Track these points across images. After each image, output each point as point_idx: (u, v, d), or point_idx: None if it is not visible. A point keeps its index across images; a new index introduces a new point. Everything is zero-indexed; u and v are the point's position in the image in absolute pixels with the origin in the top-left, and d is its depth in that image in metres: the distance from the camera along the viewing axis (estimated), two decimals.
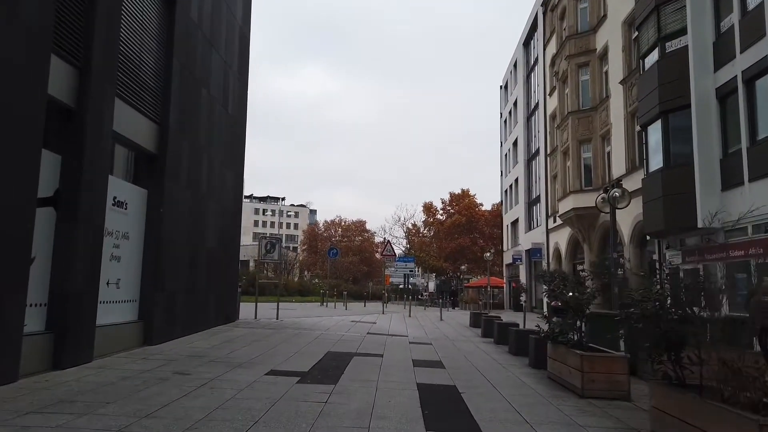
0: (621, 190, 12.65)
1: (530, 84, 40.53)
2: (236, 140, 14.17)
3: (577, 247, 28.37)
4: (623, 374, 6.50)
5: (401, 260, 41.53)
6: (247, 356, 8.43)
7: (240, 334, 11.48)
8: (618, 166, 22.07)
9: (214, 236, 12.41)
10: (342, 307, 27.30)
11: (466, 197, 68.55)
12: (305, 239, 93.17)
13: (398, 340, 11.98)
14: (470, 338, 13.52)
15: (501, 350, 11.03)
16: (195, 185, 11.15)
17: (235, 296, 14.10)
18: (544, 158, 33.53)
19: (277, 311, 15.48)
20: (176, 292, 10.21)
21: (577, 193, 24.93)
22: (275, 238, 15.30)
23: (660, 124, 16.51)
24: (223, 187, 13.10)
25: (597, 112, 24.43)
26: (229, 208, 13.58)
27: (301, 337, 11.53)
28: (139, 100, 9.01)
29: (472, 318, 17.69)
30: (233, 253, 14.00)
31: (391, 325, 16.66)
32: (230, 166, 13.64)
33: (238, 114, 14.26)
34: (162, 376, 6.58)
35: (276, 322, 14.38)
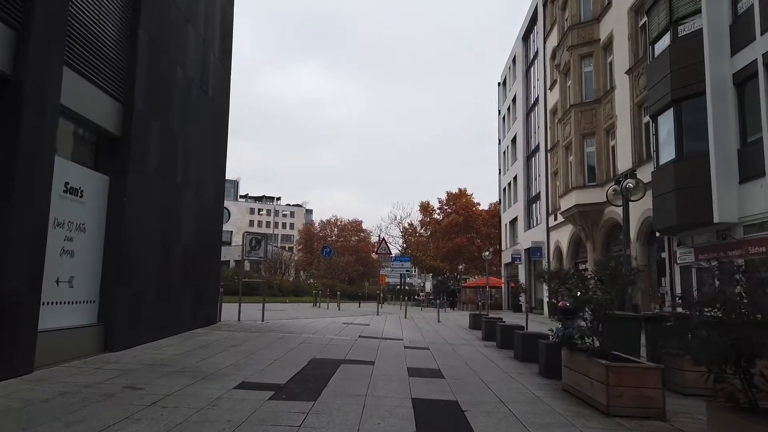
0: (635, 180, 11.64)
1: (529, 79, 39.56)
2: (218, 128, 13.11)
3: (580, 246, 27.40)
4: (656, 388, 5.48)
5: (397, 260, 40.53)
6: (218, 365, 7.38)
7: (218, 338, 10.42)
8: (624, 160, 21.09)
9: (192, 231, 11.35)
10: (335, 308, 26.23)
11: (463, 197, 67.74)
12: (301, 239, 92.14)
13: (392, 345, 10.94)
14: (470, 342, 12.50)
15: (505, 356, 10.01)
16: (168, 174, 10.09)
17: (216, 296, 13.03)
18: (545, 154, 32.56)
19: (263, 312, 14.41)
20: (144, 291, 9.15)
21: (580, 188, 23.95)
22: (261, 234, 14.21)
23: (672, 113, 15.52)
24: (203, 178, 12.04)
25: (601, 104, 23.45)
26: (210, 202, 12.52)
27: (286, 341, 10.48)
28: (98, 74, 7.95)
29: (472, 320, 16.68)
30: (214, 250, 12.94)
31: (386, 327, 15.62)
32: (211, 156, 12.58)
33: (220, 100, 13.20)
34: (108, 391, 5.53)
35: (260, 325, 13.32)
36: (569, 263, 28.16)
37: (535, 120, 36.90)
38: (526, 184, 39.17)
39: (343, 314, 21.85)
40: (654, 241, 19.55)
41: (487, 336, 12.90)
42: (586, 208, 23.57)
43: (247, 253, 13.72)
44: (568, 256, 28.28)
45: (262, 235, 14.17)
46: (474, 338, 13.51)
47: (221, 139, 13.37)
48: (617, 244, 22.82)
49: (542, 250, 32.67)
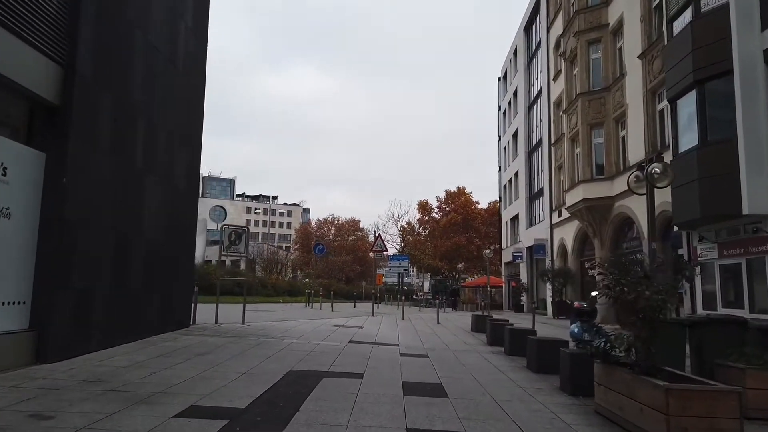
0: (662, 165, 10.25)
1: (531, 71, 38.23)
2: (192, 110, 11.72)
3: (586, 243, 26.05)
4: (733, 418, 4.12)
5: (395, 259, 39.13)
6: (170, 380, 6.01)
7: (185, 344, 9.04)
8: (636, 151, 19.75)
9: (160, 223, 9.97)
10: (329, 308, 24.84)
11: (461, 195, 66.54)
12: (297, 238, 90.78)
13: (386, 351, 9.57)
14: (474, 347, 11.14)
15: (516, 365, 8.65)
16: (125, 154, 8.70)
17: (189, 297, 11.64)
18: (548, 148, 31.23)
19: (243, 314, 13.01)
20: (93, 291, 7.76)
21: (587, 182, 22.60)
22: (241, 227, 12.82)
23: (694, 95, 14.16)
24: (174, 164, 10.65)
25: (610, 92, 22.10)
26: (182, 191, 11.12)
27: (264, 347, 9.11)
28: (31, 29, 6.57)
29: (474, 321, 15.32)
30: (188, 245, 11.54)
31: (381, 329, 14.25)
32: (183, 139, 11.19)
33: (194, 77, 11.81)
34: (3, 421, 4.15)
35: (240, 328, 11.94)
36: (574, 262, 26.84)
37: (538, 113, 35.57)
38: (528, 180, 37.84)
39: (335, 315, 20.47)
40: (670, 237, 18.20)
41: (493, 340, 11.54)
42: (594, 203, 22.23)
43: (225, 249, 12.33)
44: (573, 254, 26.95)
45: (242, 228, 12.77)
46: (478, 342, 12.14)
47: (196, 122, 11.98)
48: (628, 241, 21.50)
49: (545, 248, 31.35)
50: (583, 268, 26.41)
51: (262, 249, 74.14)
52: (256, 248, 75.90)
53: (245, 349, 8.86)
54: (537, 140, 35.62)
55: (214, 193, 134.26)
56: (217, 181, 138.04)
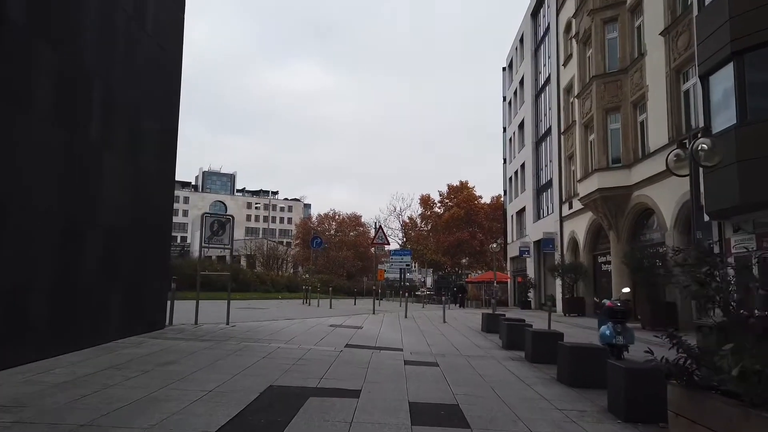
0: (710, 140, 8.80)
1: (539, 58, 36.70)
2: (165, 80, 10.28)
3: (599, 236, 24.61)
4: None
5: (397, 254, 37.66)
6: (108, 405, 4.62)
7: (151, 350, 7.64)
8: (657, 136, 18.27)
9: (124, 208, 8.55)
10: (328, 305, 23.44)
11: (464, 189, 65.26)
12: (298, 233, 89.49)
13: (389, 358, 8.16)
14: (489, 351, 9.72)
15: (544, 376, 7.24)
16: (74, 125, 7.28)
17: (164, 294, 10.22)
18: (557, 137, 29.73)
19: (228, 313, 11.57)
20: (27, 289, 6.35)
21: (603, 171, 21.14)
22: (225, 216, 11.40)
23: (732, 68, 12.68)
24: (142, 141, 9.22)
25: (628, 74, 20.61)
26: (154, 173, 9.69)
27: (244, 355, 7.70)
28: None
29: (486, 321, 13.90)
30: (162, 234, 10.12)
31: (382, 330, 12.85)
32: (155, 114, 9.76)
33: (169, 45, 10.36)
34: None
35: (222, 330, 10.54)
36: (586, 256, 25.39)
37: (546, 102, 34.07)
38: (535, 172, 36.35)
39: (334, 313, 19.08)
40: (696, 227, 16.74)
41: (510, 344, 10.12)
42: (610, 193, 20.77)
43: (207, 239, 10.91)
44: (585, 247, 25.50)
45: (225, 217, 11.35)
46: (491, 345, 10.73)
47: (171, 97, 10.54)
48: (648, 233, 20.04)
49: (555, 242, 29.90)
50: (596, 262, 24.97)
51: (262, 244, 72.87)
52: (256, 243, 74.68)
53: (221, 356, 7.46)
54: (545, 130, 34.12)
55: (214, 188, 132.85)
56: (217, 176, 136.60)
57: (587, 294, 25.22)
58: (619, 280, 21.06)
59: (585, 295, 25.27)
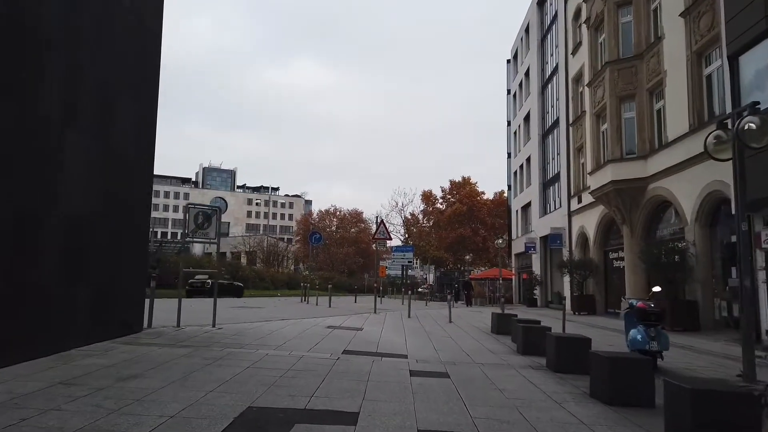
0: (758, 118, 7.72)
1: (545, 48, 35.57)
2: (143, 56, 9.22)
3: (611, 231, 23.53)
4: None
5: (399, 250, 36.67)
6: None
7: (115, 360, 6.60)
8: (677, 124, 17.17)
9: (90, 195, 7.51)
10: (327, 303, 22.40)
11: (467, 185, 64.25)
12: (298, 230, 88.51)
13: (392, 368, 7.12)
14: (505, 358, 8.68)
15: (573, 390, 6.21)
16: (26, 98, 6.23)
17: (141, 293, 9.17)
18: (566, 129, 28.62)
19: (214, 314, 10.52)
20: None
21: (616, 162, 20.05)
22: (211, 207, 10.33)
23: (767, 46, 11.61)
24: (114, 121, 8.16)
25: (643, 60, 19.50)
26: (129, 157, 8.64)
27: (225, 364, 6.67)
28: None
29: (496, 321, 12.85)
30: (138, 226, 9.07)
31: (384, 332, 11.82)
32: (130, 92, 8.70)
33: (147, 18, 9.30)
34: None
35: (207, 333, 9.50)
36: (597, 252, 24.31)
37: (553, 93, 32.96)
38: (542, 165, 35.26)
39: (333, 312, 18.07)
40: (719, 221, 15.71)
41: (526, 348, 9.08)
42: (625, 185, 19.69)
43: (191, 233, 9.86)
44: (595, 243, 24.41)
45: (212, 208, 10.28)
46: (505, 350, 9.69)
47: (149, 74, 9.48)
48: (665, 227, 18.96)
49: (563, 238, 28.82)
50: (608, 258, 23.90)
51: (262, 241, 71.85)
52: (256, 240, 73.60)
53: (198, 366, 6.43)
54: (552, 122, 33.02)
55: (215, 185, 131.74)
56: (217, 172, 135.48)
57: (598, 291, 24.17)
58: (633, 277, 20.01)
59: (595, 293, 24.22)
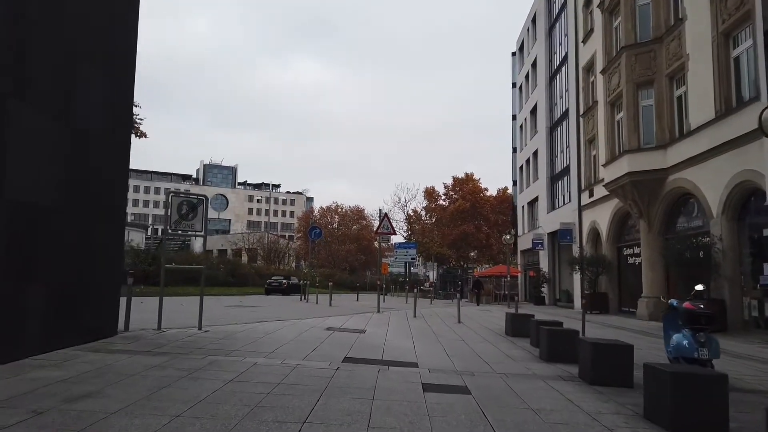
0: None
1: (553, 37, 34.42)
2: (116, 22, 8.14)
3: (626, 225, 22.44)
4: None
5: (402, 247, 35.59)
6: None
7: (71, 373, 5.56)
8: (700, 111, 16.06)
9: (47, 179, 6.45)
10: (328, 301, 21.34)
11: (470, 181, 63.23)
12: (300, 226, 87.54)
13: (401, 381, 6.06)
14: (528, 366, 7.61)
15: (622, 409, 5.17)
16: None
17: (114, 292, 8.10)
18: (576, 120, 27.50)
19: (200, 315, 9.44)
20: None
21: (633, 152, 18.94)
22: (197, 196, 9.25)
23: None
24: (77, 94, 7.09)
25: (663, 43, 18.37)
26: (97, 135, 7.56)
27: (203, 378, 5.61)
28: None
29: (511, 322, 11.78)
30: (111, 216, 8.00)
31: (389, 335, 10.75)
32: (100, 63, 7.63)
33: None
34: None
35: (191, 337, 8.45)
36: (610, 248, 23.20)
37: (562, 83, 31.84)
38: (550, 159, 34.15)
39: (334, 311, 17.02)
40: (747, 213, 14.62)
41: (552, 355, 8.00)
42: (642, 177, 18.59)
43: (174, 224, 8.80)
44: (608, 238, 23.31)
45: (197, 197, 9.21)
46: (526, 356, 8.62)
47: (125, 42, 8.40)
48: (686, 221, 17.86)
49: (573, 233, 27.71)
50: (621, 255, 22.81)
51: (262, 237, 70.80)
52: (256, 237, 72.53)
53: (170, 381, 5.37)
54: (561, 113, 31.89)
55: (215, 182, 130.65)
56: (218, 169, 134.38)
57: (611, 289, 23.09)
58: (650, 274, 18.94)
59: (608, 291, 23.14)
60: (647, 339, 12.03)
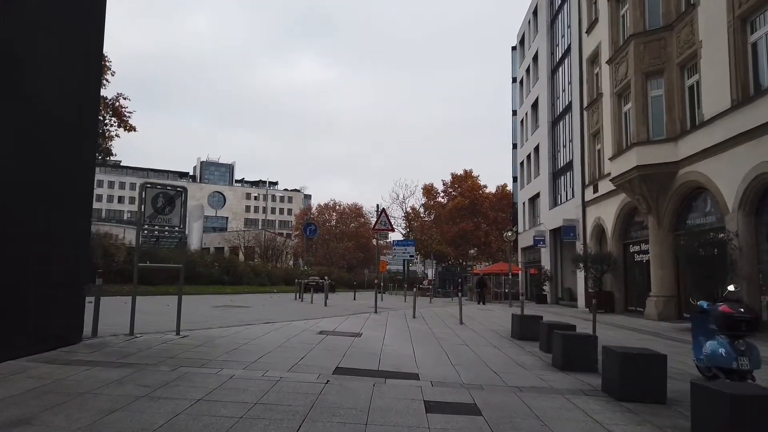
0: None
1: (555, 29, 33.56)
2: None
3: (632, 222, 21.61)
4: None
5: (400, 244, 34.79)
6: None
7: (12, 392, 4.74)
8: (715, 100, 15.23)
9: None
10: (323, 300, 20.49)
11: (469, 178, 62.54)
12: (297, 224, 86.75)
13: (400, 398, 5.24)
14: (542, 376, 6.77)
15: None
16: None
17: (76, 296, 7.23)
18: (579, 113, 26.66)
19: (178, 319, 8.56)
20: None
21: (642, 145, 18.10)
22: (174, 188, 8.36)
23: None
24: (27, 68, 6.22)
25: (673, 31, 17.54)
26: (54, 118, 6.68)
27: (166, 396, 4.77)
28: None
29: (517, 324, 10.94)
30: (71, 209, 7.13)
31: (387, 339, 9.91)
32: (60, 32, 6.75)
33: None
34: None
35: (165, 344, 7.59)
36: (616, 245, 22.37)
37: (564, 76, 30.99)
38: (552, 154, 33.31)
39: (328, 312, 16.18)
40: (766, 208, 13.80)
41: (568, 363, 7.17)
42: (651, 170, 17.76)
43: (148, 218, 7.93)
44: (614, 235, 22.47)
45: (176, 189, 8.33)
46: (538, 363, 7.79)
47: (87, 15, 7.51)
48: (698, 217, 17.04)
49: (576, 230, 26.88)
50: (628, 252, 21.99)
51: (258, 235, 69.90)
52: (252, 234, 71.59)
53: (126, 400, 4.53)
54: (563, 107, 31.04)
55: (213, 179, 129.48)
56: (215, 166, 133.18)
57: (616, 288, 22.27)
58: (659, 272, 18.14)
59: (614, 290, 22.31)
60: (663, 342, 11.22)
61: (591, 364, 7.13)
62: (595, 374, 6.81)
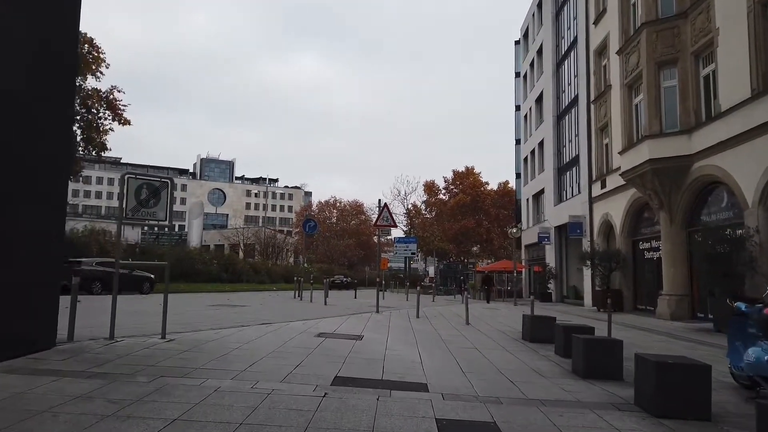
0: None
1: (561, 21, 32.82)
2: None
3: (642, 218, 20.93)
4: None
5: (401, 241, 34.21)
6: None
7: None
8: (733, 90, 14.54)
9: None
10: (323, 299, 19.83)
11: (470, 175, 61.91)
12: (298, 221, 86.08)
13: (407, 413, 4.61)
14: (564, 386, 6.10)
15: None
16: None
17: (49, 296, 6.56)
18: (586, 107, 25.94)
19: (164, 321, 7.88)
20: None
21: (655, 138, 17.41)
22: (159, 179, 7.68)
23: None
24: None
25: (687, 19, 16.82)
26: (19, 99, 6.01)
27: (137, 415, 4.13)
28: None
29: (529, 325, 10.27)
30: (43, 201, 6.46)
31: (390, 342, 9.24)
32: (22, 7, 6.07)
33: None
34: None
35: (147, 349, 6.93)
36: (624, 242, 21.68)
37: (570, 69, 30.27)
38: (557, 149, 32.58)
39: (328, 311, 15.53)
40: None
41: (591, 370, 6.50)
42: (664, 164, 17.06)
43: (131, 211, 7.26)
44: (623, 232, 21.78)
45: (161, 180, 7.66)
46: (556, 369, 7.12)
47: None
48: (713, 212, 16.35)
49: (583, 227, 26.19)
50: (637, 249, 21.31)
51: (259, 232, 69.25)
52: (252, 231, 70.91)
53: (88, 423, 3.88)
54: (569, 101, 30.31)
55: (213, 176, 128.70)
56: (215, 163, 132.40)
57: (625, 286, 21.61)
58: (672, 270, 17.45)
59: (623, 288, 21.64)
60: (681, 344, 10.57)
61: (616, 371, 6.48)
62: (621, 383, 6.16)
